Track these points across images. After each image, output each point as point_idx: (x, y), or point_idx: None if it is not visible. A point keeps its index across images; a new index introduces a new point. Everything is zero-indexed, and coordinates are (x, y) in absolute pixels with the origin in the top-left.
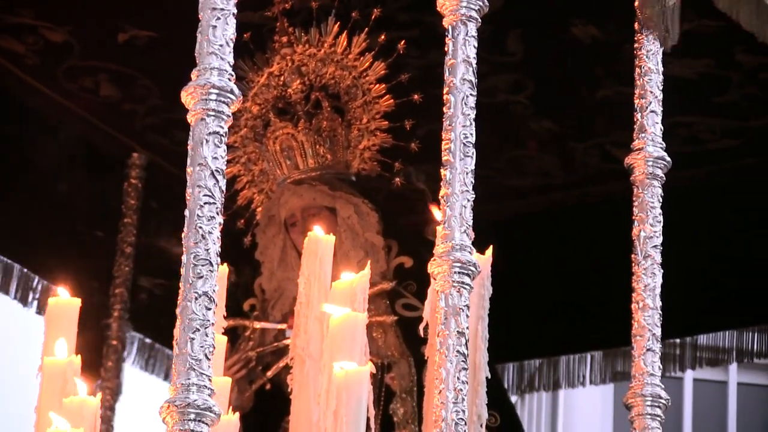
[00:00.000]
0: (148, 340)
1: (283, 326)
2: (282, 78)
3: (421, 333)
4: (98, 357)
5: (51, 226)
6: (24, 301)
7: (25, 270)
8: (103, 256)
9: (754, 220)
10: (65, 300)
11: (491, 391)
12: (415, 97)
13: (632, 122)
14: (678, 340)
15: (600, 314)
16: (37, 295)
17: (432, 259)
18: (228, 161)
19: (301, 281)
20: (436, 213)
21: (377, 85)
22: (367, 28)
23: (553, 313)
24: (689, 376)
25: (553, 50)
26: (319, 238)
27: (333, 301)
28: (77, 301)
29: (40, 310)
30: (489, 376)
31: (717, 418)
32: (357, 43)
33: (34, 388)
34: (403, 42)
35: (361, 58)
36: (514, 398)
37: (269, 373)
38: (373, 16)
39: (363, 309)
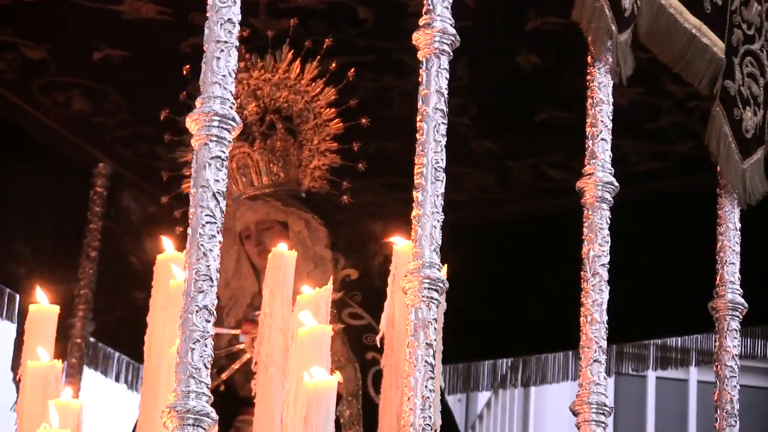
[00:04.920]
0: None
1: (237, 332)
2: (239, 101)
3: (378, 344)
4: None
5: (19, 230)
6: None
7: None
8: (69, 259)
9: (672, 235)
10: (45, 307)
11: None
12: (363, 120)
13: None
14: (646, 342)
15: (557, 318)
16: None
17: (404, 275)
18: (187, 176)
19: (265, 293)
20: None
21: (328, 109)
22: (319, 56)
23: (516, 317)
24: (652, 374)
25: (497, 76)
26: (283, 252)
27: (298, 312)
28: (56, 308)
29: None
30: (443, 385)
31: (678, 414)
32: (309, 69)
33: None
34: (353, 69)
35: (313, 84)
36: (487, 395)
37: (224, 376)
38: (325, 45)
39: (326, 320)
